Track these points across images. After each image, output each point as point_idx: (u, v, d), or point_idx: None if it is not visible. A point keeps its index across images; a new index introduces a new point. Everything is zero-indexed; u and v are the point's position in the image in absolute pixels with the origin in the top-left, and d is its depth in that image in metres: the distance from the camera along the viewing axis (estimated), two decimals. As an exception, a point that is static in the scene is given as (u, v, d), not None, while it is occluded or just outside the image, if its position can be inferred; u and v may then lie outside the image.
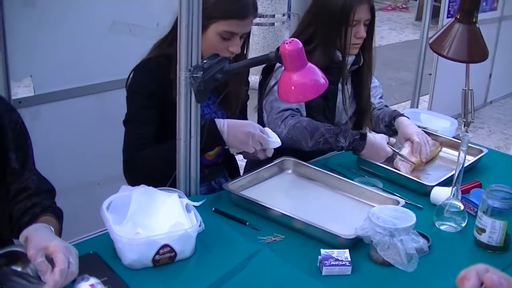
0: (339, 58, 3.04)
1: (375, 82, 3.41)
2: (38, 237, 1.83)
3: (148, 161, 2.55)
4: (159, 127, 2.60)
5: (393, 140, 2.99)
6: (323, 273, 2.06)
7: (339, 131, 2.85)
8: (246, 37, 2.69)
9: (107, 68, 3.54)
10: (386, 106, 3.44)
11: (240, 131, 2.54)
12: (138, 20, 3.73)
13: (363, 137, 2.84)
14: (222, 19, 2.53)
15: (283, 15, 8.26)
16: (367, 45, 3.14)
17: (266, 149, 2.60)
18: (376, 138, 2.88)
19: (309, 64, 2.27)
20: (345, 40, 2.98)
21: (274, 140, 2.59)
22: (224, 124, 2.55)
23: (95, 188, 3.57)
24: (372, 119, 3.31)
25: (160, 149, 2.56)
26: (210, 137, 2.52)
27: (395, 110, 3.33)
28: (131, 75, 2.70)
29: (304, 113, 3.01)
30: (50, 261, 1.76)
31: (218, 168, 2.90)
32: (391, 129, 3.17)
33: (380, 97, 3.46)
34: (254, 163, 2.86)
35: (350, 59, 3.11)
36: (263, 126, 2.90)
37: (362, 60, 3.18)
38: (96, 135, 3.55)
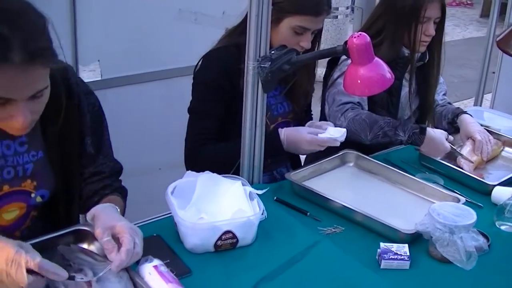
0: (405, 54, 3.04)
1: (439, 78, 3.40)
2: (105, 217, 1.88)
3: (208, 157, 2.63)
4: (222, 119, 2.66)
5: (451, 137, 2.98)
6: (381, 266, 2.07)
7: (398, 124, 2.85)
8: (317, 33, 2.72)
9: (172, 55, 3.59)
10: (449, 103, 3.42)
11: (298, 141, 2.61)
12: (204, 9, 3.78)
13: (423, 131, 2.84)
14: (296, 14, 2.56)
15: (347, 8, 8.26)
16: (436, 43, 3.13)
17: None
18: (436, 133, 2.87)
19: (376, 58, 2.29)
20: (414, 36, 2.98)
21: (336, 138, 2.60)
22: (284, 137, 2.62)
23: (156, 173, 3.63)
24: (434, 116, 3.31)
25: (221, 148, 2.65)
26: (272, 146, 2.60)
27: (458, 108, 3.32)
28: (199, 63, 2.74)
29: (366, 107, 3.02)
30: (116, 240, 1.80)
31: (281, 158, 2.92)
32: (453, 127, 3.16)
33: (444, 94, 3.45)
34: (315, 155, 2.88)
35: (416, 55, 3.10)
36: (325, 117, 2.93)
37: (427, 57, 3.17)
38: (160, 120, 3.61)
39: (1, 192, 1.96)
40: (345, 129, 2.61)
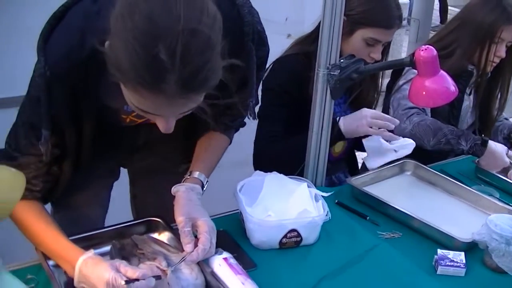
0: (468, 68, 3.10)
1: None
2: (189, 206, 1.99)
3: (275, 156, 2.71)
4: (288, 123, 2.73)
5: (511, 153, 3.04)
6: (437, 272, 2.13)
7: (462, 134, 2.91)
8: (386, 45, 2.79)
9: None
10: (506, 119, 3.47)
11: (353, 117, 2.66)
12: (267, 15, 3.85)
13: (485, 143, 2.90)
14: (369, 26, 2.64)
15: (404, 19, 8.28)
16: (507, 65, 3.20)
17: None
18: (497, 147, 2.93)
19: (441, 71, 2.35)
20: (487, 55, 3.05)
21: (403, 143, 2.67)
22: (341, 123, 2.67)
23: (221, 171, 3.71)
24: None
25: (289, 144, 2.72)
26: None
27: None
28: (269, 69, 2.82)
29: (429, 115, 3.09)
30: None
31: (340, 164, 3.01)
32: (509, 142, 3.21)
33: None
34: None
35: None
36: None
37: (489, 74, 3.22)
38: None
39: None
40: (413, 143, 2.68)
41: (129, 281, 1.69)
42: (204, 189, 2.14)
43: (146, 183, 2.61)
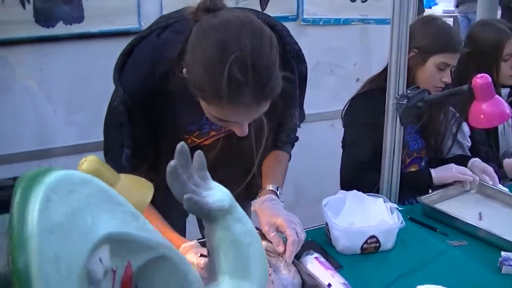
0: None
1: None
2: (267, 213, 2.26)
3: (371, 184, 2.95)
4: (375, 150, 2.97)
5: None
6: (502, 271, 2.36)
7: None
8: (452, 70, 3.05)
9: (310, 101, 3.98)
10: None
11: (445, 177, 3.00)
12: (339, 61, 4.18)
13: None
14: (439, 52, 2.96)
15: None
16: None
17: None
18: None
19: (496, 95, 2.66)
20: (498, 73, 3.38)
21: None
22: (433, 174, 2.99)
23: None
24: None
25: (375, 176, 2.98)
26: (422, 184, 3.03)
27: None
28: (348, 105, 3.17)
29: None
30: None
31: (412, 190, 3.20)
32: None
33: None
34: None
35: (505, 91, 3.44)
36: None
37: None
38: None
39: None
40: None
41: (204, 255, 1.97)
42: (281, 199, 2.40)
43: None
